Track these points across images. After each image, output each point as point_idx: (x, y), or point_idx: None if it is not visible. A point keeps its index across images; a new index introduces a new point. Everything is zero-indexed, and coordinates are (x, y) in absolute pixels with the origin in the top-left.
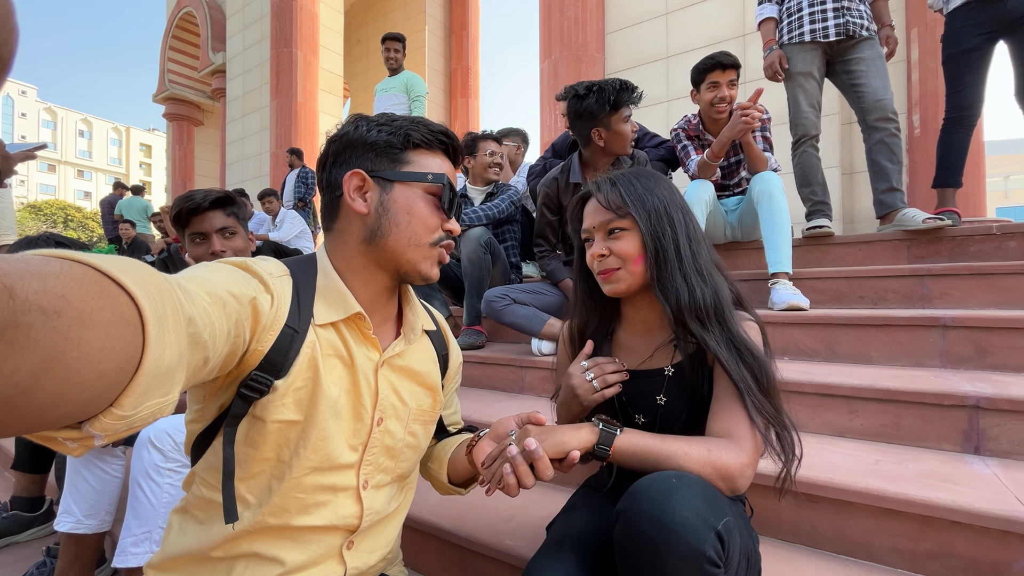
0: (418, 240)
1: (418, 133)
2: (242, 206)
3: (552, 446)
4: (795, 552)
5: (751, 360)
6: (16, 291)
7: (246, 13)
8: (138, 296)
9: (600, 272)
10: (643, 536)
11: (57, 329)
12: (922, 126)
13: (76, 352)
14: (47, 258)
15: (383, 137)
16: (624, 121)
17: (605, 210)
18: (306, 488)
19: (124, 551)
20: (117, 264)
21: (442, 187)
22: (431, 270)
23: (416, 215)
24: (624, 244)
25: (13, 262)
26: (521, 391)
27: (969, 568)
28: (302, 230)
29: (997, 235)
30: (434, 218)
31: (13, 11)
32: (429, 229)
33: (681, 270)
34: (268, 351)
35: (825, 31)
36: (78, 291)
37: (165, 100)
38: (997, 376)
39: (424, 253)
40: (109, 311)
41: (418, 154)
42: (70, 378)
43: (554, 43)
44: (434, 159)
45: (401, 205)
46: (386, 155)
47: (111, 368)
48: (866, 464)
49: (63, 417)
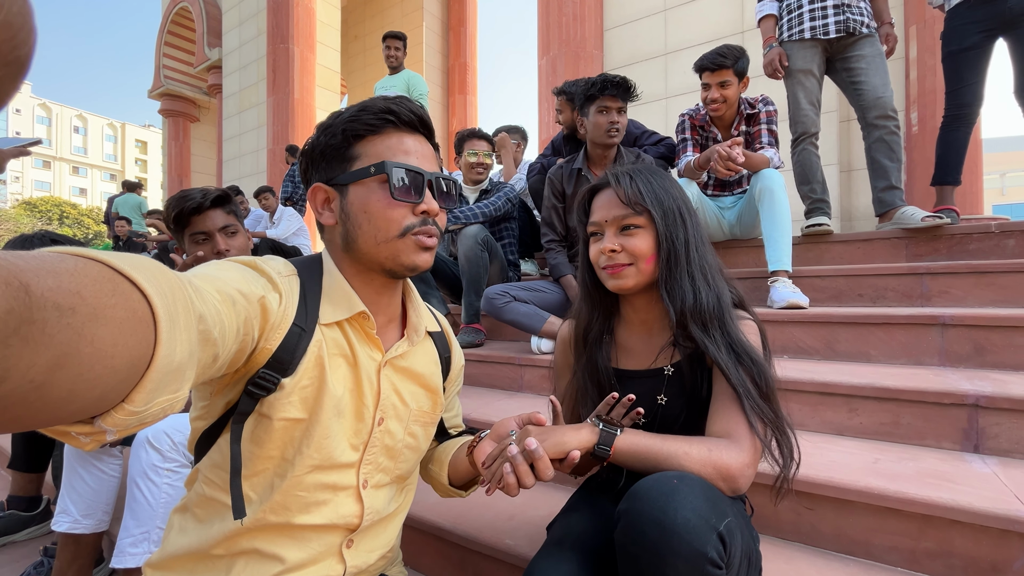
0: (384, 236)
1: (357, 122)
2: (238, 204)
3: (552, 446)
4: (795, 551)
5: (750, 364)
6: (32, 287)
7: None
8: (150, 293)
9: (607, 267)
10: (644, 537)
11: (71, 325)
12: (920, 124)
13: (89, 348)
14: (62, 255)
15: (325, 141)
16: (600, 112)
17: (621, 205)
18: (307, 486)
19: (122, 551)
20: (130, 261)
21: (389, 172)
22: (414, 259)
23: (372, 212)
24: (638, 242)
25: (29, 259)
26: (520, 389)
27: (969, 567)
28: (299, 227)
29: (996, 233)
30: (394, 209)
31: (32, 13)
32: (392, 221)
33: (689, 273)
34: (276, 349)
35: (825, 28)
36: (92, 288)
37: (161, 96)
38: (996, 374)
39: (396, 247)
40: (122, 308)
41: (364, 145)
42: (83, 374)
43: (552, 39)
44: (385, 142)
45: (357, 207)
46: (335, 159)
47: (123, 364)
48: (865, 463)
49: (76, 412)
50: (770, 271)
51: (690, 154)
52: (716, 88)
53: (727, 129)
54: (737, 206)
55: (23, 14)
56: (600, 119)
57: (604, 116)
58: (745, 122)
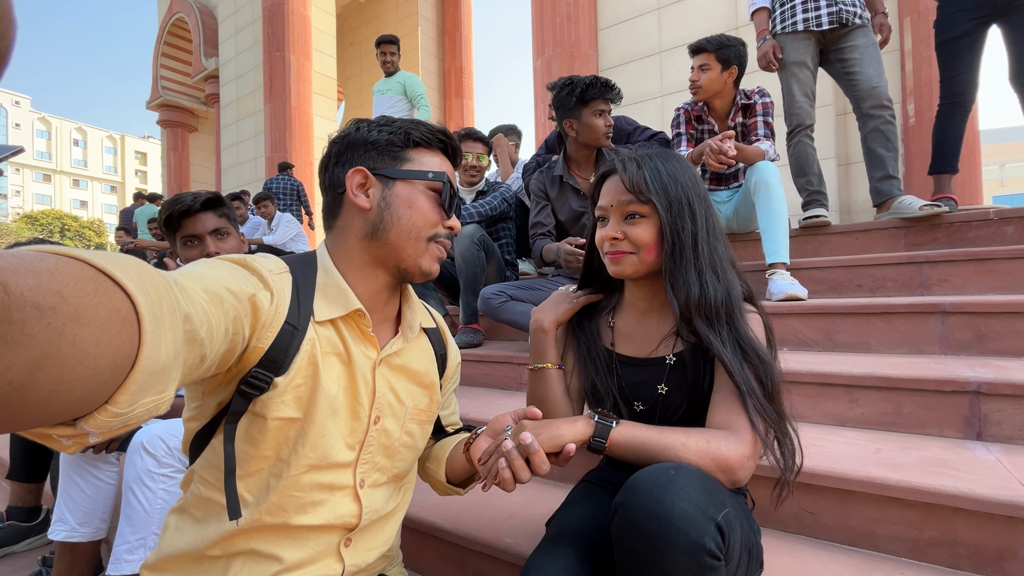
0: (419, 233)
1: (418, 132)
2: (232, 207)
3: (547, 440)
4: (798, 543)
5: (757, 363)
6: (11, 287)
7: (238, 18)
8: (134, 293)
9: (609, 253)
10: (641, 529)
11: (52, 326)
12: (917, 115)
13: (71, 349)
14: (43, 254)
15: (384, 136)
16: (595, 115)
17: (625, 191)
18: (303, 487)
19: (119, 558)
20: (113, 261)
21: (443, 184)
22: (431, 265)
23: (417, 208)
24: (640, 231)
25: (8, 257)
26: (519, 388)
27: (974, 555)
28: (297, 233)
29: (994, 220)
30: (434, 213)
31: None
32: (430, 223)
33: (696, 266)
34: (268, 348)
35: (818, 20)
36: (73, 287)
37: (159, 107)
38: (997, 361)
39: (422, 248)
40: (105, 308)
41: (418, 152)
42: (65, 375)
43: (547, 40)
44: (433, 158)
45: (403, 199)
46: (387, 153)
47: (106, 365)
48: (867, 453)
49: (58, 414)
50: (768, 264)
51: (683, 149)
52: (696, 71)
53: (723, 120)
54: (733, 200)
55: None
56: (597, 122)
57: (600, 119)
58: (741, 113)
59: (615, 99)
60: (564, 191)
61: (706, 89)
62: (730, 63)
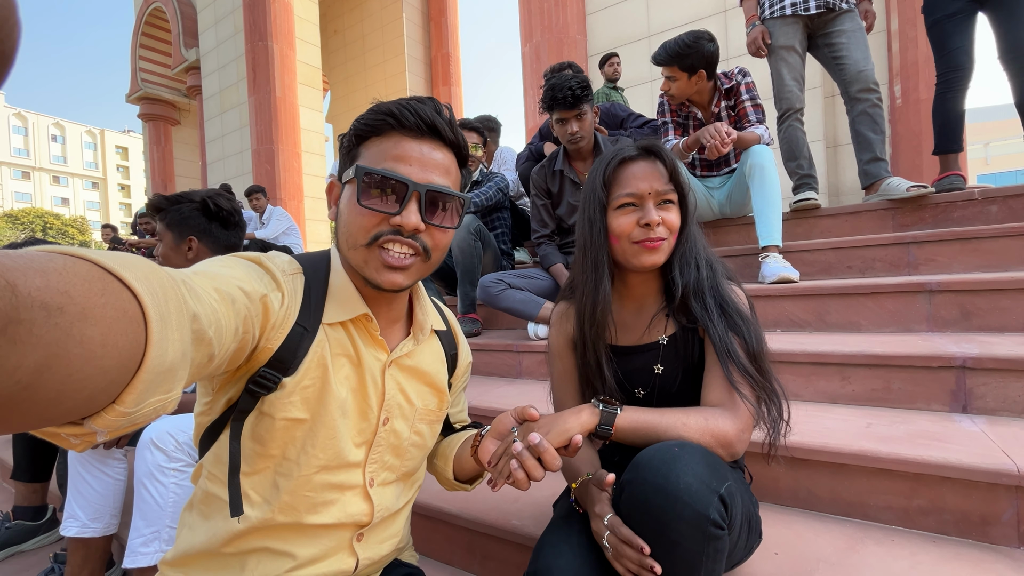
0: (352, 242)
1: (361, 121)
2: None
3: (556, 435)
4: (794, 515)
5: (739, 323)
6: (19, 287)
7: (217, 7)
8: (141, 293)
9: (644, 240)
10: (649, 504)
11: (60, 326)
12: (904, 96)
13: (79, 349)
14: (50, 254)
15: (345, 137)
16: (557, 123)
17: (665, 179)
18: (315, 487)
19: (134, 551)
20: (120, 261)
21: (373, 175)
22: (376, 276)
23: (344, 215)
24: (674, 217)
25: (16, 258)
26: (519, 375)
27: (960, 521)
28: (289, 226)
29: (979, 200)
30: (363, 216)
31: (16, 7)
32: (360, 228)
33: (694, 248)
34: (278, 349)
35: (806, 4)
36: (81, 287)
37: (139, 100)
38: (982, 337)
39: (363, 257)
40: (112, 308)
41: (367, 145)
42: (72, 375)
43: (535, 26)
44: (381, 144)
45: (343, 206)
46: (346, 156)
47: (113, 365)
48: (859, 427)
49: (66, 413)
50: (761, 247)
51: (672, 137)
52: (665, 81)
53: (707, 107)
54: (726, 185)
55: (7, 7)
56: (559, 130)
57: (561, 127)
58: (724, 97)
59: (576, 105)
60: (564, 185)
61: (679, 96)
62: (695, 69)
